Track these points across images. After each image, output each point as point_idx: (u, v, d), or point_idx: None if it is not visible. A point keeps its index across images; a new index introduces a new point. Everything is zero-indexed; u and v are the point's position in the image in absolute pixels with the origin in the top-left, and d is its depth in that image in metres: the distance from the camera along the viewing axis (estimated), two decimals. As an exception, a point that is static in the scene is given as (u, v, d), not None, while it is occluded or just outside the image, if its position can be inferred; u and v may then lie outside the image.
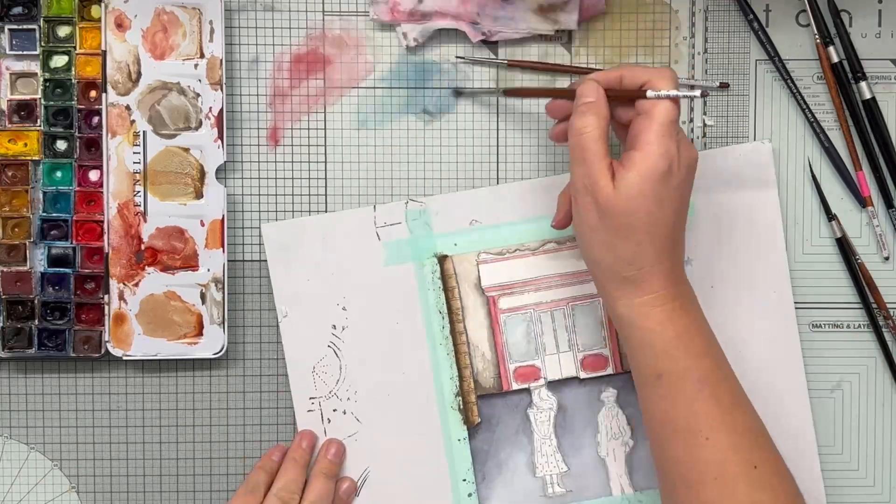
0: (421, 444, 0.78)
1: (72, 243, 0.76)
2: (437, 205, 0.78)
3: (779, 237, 0.78)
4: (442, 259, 0.78)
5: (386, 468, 0.78)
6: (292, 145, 0.79)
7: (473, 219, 0.78)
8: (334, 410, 0.78)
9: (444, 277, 0.78)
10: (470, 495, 0.78)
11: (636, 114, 0.68)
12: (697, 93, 0.68)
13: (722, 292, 0.78)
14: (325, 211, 0.79)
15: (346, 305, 0.78)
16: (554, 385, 0.79)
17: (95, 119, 0.76)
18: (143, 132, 0.77)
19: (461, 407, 0.78)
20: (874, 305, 0.79)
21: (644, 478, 0.78)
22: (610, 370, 0.78)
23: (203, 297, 0.77)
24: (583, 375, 0.78)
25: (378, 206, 0.78)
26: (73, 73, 0.76)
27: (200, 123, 0.77)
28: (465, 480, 0.78)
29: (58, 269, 0.77)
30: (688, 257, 0.77)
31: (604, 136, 0.68)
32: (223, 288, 0.77)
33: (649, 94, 0.67)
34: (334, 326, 0.78)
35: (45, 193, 0.76)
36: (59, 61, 0.76)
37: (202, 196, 0.77)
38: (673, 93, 0.67)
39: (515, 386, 0.78)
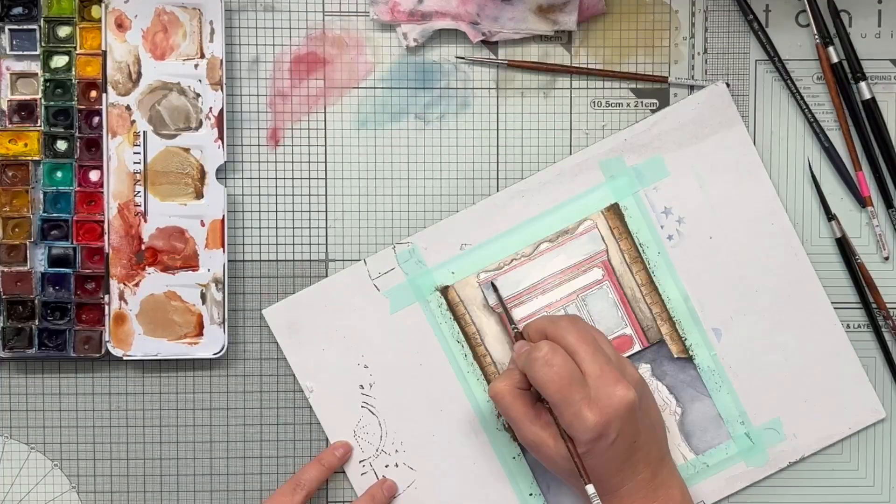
0: (479, 472, 0.78)
1: (72, 243, 0.77)
2: (423, 240, 0.78)
3: (758, 168, 0.78)
4: (444, 290, 0.78)
5: None
6: (292, 145, 0.79)
7: (463, 243, 0.78)
8: (386, 466, 0.78)
9: (451, 307, 0.78)
10: None
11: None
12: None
13: (721, 238, 0.78)
14: (326, 211, 0.79)
15: (366, 363, 0.78)
16: None
17: (96, 119, 0.76)
18: (144, 132, 0.77)
19: (507, 426, 0.78)
20: (874, 305, 0.79)
21: (701, 440, 0.78)
22: (637, 347, 0.78)
23: (203, 297, 0.77)
24: None
25: (368, 259, 0.78)
26: (74, 73, 0.76)
27: (201, 123, 0.77)
28: (531, 495, 0.78)
29: (58, 269, 0.77)
30: (679, 216, 0.78)
31: (517, 398, 0.71)
32: (223, 288, 0.77)
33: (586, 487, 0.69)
34: (361, 386, 0.78)
35: (45, 193, 0.77)
36: (59, 61, 0.76)
37: (202, 196, 0.77)
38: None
39: None
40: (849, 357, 0.79)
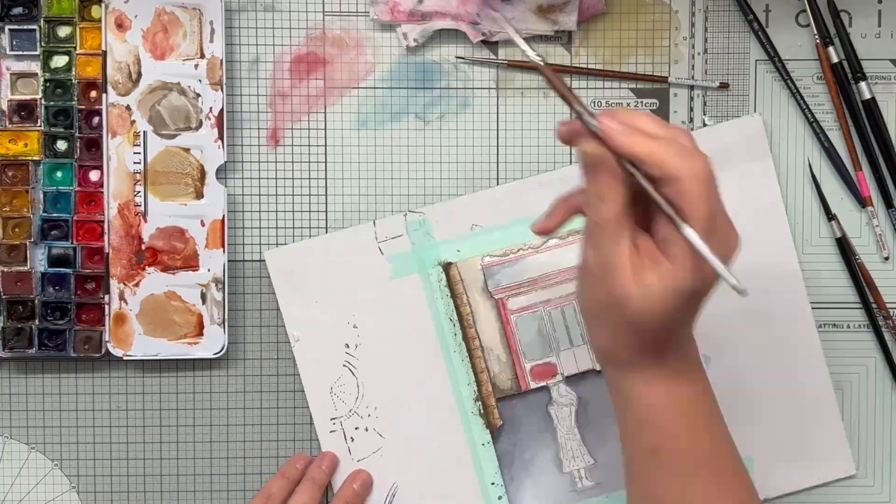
0: (446, 452, 0.78)
1: (72, 243, 0.77)
2: (436, 213, 0.78)
3: (778, 206, 0.78)
4: (447, 267, 0.78)
5: (413, 480, 0.78)
6: (292, 145, 0.79)
7: (474, 223, 0.78)
8: (356, 429, 0.78)
9: (450, 285, 0.78)
10: (500, 498, 0.78)
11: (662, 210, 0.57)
12: (734, 281, 0.55)
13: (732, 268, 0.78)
14: (326, 211, 0.79)
15: (356, 323, 0.78)
16: (572, 380, 0.78)
17: (96, 119, 0.76)
18: (144, 132, 0.77)
19: (482, 411, 0.78)
20: (874, 305, 0.79)
21: None
22: None
23: (203, 297, 0.77)
24: (599, 367, 0.78)
25: (378, 221, 0.78)
26: (74, 73, 0.76)
27: (201, 123, 0.77)
28: (493, 484, 0.78)
29: (58, 269, 0.77)
30: None
31: (621, 216, 0.57)
32: (223, 288, 0.77)
33: (685, 231, 0.56)
34: (347, 345, 0.78)
35: (45, 193, 0.77)
36: (59, 61, 0.76)
37: (202, 196, 0.77)
38: (720, 271, 0.56)
39: (533, 385, 0.78)
40: (830, 409, 0.78)
